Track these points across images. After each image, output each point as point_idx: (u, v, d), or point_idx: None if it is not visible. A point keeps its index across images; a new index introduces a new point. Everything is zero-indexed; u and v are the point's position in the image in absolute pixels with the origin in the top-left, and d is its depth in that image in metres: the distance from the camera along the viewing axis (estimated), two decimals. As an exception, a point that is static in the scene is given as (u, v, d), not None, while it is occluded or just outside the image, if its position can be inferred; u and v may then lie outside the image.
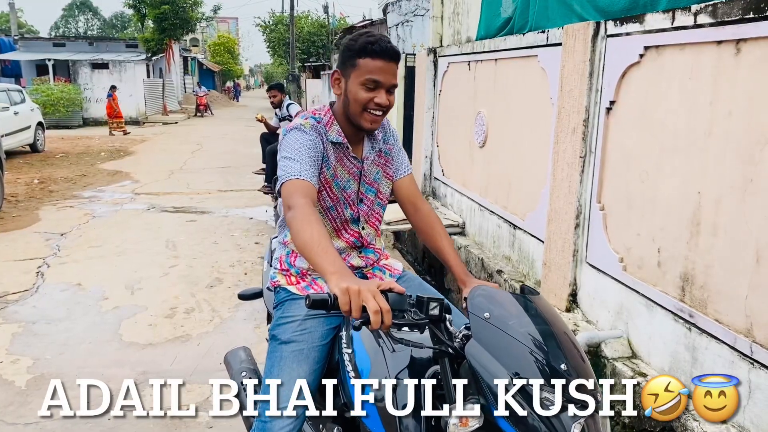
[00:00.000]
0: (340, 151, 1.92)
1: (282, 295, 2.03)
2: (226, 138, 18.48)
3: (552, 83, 4.01)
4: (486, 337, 1.40)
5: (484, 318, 1.43)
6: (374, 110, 1.81)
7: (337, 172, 1.91)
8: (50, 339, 4.17)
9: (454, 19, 6.56)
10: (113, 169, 11.99)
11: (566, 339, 1.45)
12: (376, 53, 1.76)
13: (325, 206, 1.94)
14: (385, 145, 2.04)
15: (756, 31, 2.35)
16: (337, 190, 1.93)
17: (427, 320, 1.45)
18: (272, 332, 1.95)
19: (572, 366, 1.37)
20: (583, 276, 3.64)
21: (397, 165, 2.08)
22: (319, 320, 1.92)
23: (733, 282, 2.49)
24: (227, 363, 2.75)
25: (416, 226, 2.10)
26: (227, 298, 4.96)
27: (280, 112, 7.72)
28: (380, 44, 1.77)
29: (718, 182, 2.57)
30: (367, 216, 2.03)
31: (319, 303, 1.40)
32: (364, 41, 1.78)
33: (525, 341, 1.38)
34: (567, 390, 1.31)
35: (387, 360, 1.64)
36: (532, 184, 4.35)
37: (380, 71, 1.77)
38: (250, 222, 7.74)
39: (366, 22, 12.91)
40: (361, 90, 1.80)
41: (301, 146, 1.81)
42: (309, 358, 1.85)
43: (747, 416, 2.41)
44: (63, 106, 21.65)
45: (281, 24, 34.52)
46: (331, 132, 1.89)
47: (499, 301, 1.49)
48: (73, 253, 6.20)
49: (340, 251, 1.97)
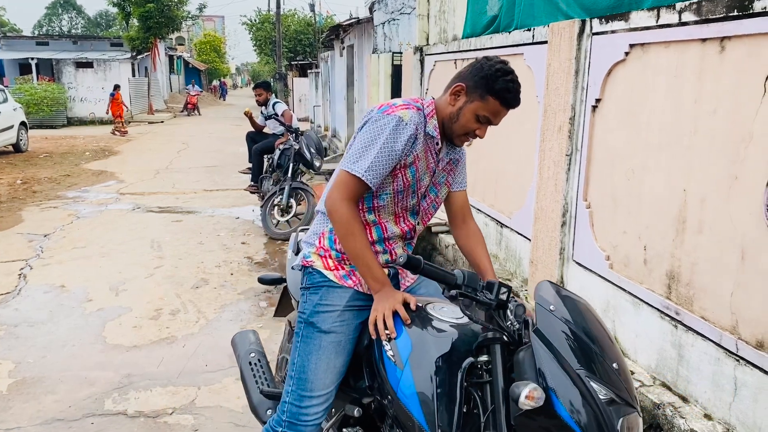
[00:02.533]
0: (430, 144, 1.97)
1: (317, 279, 2.01)
2: (213, 137, 18.37)
3: (538, 81, 4.01)
4: (549, 327, 1.49)
5: (549, 310, 1.52)
6: (472, 137, 1.94)
7: (418, 162, 1.95)
8: (32, 342, 4.10)
9: (441, 17, 6.55)
10: (98, 169, 11.87)
11: (612, 342, 1.55)
12: (506, 102, 1.86)
13: (396, 189, 1.96)
14: (456, 155, 2.11)
15: (740, 28, 2.36)
16: (411, 177, 1.96)
17: (495, 302, 1.58)
18: (310, 318, 1.97)
19: (621, 368, 1.48)
20: (570, 274, 3.64)
21: (459, 177, 2.16)
22: (356, 312, 1.98)
23: (719, 279, 2.50)
24: (234, 344, 2.76)
25: (460, 238, 2.19)
26: (213, 299, 4.92)
27: (266, 111, 7.68)
28: (515, 96, 1.86)
29: (703, 180, 2.57)
30: (425, 212, 2.09)
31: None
32: (504, 86, 1.84)
33: (582, 336, 1.48)
34: (616, 387, 1.42)
35: (429, 344, 1.71)
36: (519, 183, 4.35)
37: (499, 115, 1.89)
38: (237, 222, 7.68)
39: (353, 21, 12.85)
40: (473, 119, 1.90)
41: (387, 140, 1.85)
42: (346, 349, 1.95)
43: (733, 413, 2.42)
44: (47, 106, 21.40)
45: (267, 22, 34.31)
46: (430, 125, 1.95)
47: (560, 298, 1.57)
48: (56, 255, 6.11)
49: (391, 237, 2.02)
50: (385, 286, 1.87)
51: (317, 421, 1.94)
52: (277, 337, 3.85)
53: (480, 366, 1.61)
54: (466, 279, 1.59)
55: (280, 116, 7.36)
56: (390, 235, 2.02)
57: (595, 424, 1.37)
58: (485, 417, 1.54)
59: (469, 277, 1.59)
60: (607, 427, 1.37)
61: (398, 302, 1.81)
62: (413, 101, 1.96)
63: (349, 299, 1.97)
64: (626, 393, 1.43)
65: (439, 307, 1.85)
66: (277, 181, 7.11)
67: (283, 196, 6.73)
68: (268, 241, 6.72)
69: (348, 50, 14.12)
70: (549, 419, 1.40)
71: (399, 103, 1.93)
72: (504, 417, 1.48)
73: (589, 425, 1.37)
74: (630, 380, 1.49)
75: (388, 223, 2.01)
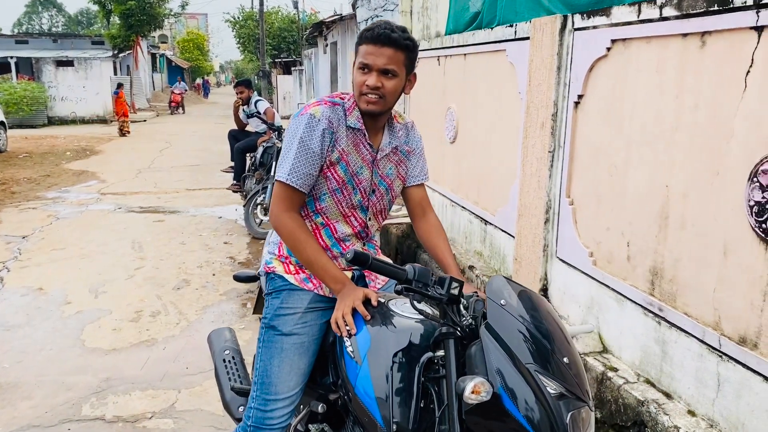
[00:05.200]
0: (357, 136, 1.95)
1: (279, 283, 2.03)
2: (196, 136, 18.22)
3: (520, 78, 3.98)
4: (499, 322, 1.49)
5: (500, 304, 1.51)
6: (368, 93, 1.86)
7: (348, 156, 1.94)
8: (8, 346, 4.01)
9: (423, 13, 6.51)
10: (79, 169, 11.70)
11: (565, 337, 1.54)
12: (368, 39, 1.84)
13: (330, 188, 1.95)
14: (405, 146, 2.09)
15: (720, 23, 2.34)
16: (344, 174, 1.94)
17: (446, 297, 1.55)
18: (271, 322, 1.98)
19: (572, 362, 1.47)
20: (554, 271, 3.62)
21: (413, 170, 2.13)
22: (319, 313, 1.98)
23: (701, 275, 2.49)
24: (210, 341, 2.75)
25: (421, 232, 2.18)
26: (194, 300, 4.85)
27: (248, 109, 7.60)
28: (375, 30, 1.84)
29: (685, 175, 2.56)
30: (375, 208, 2.06)
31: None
32: (364, 29, 1.88)
33: (534, 331, 1.47)
34: (567, 381, 1.41)
35: (387, 340, 1.71)
36: (502, 180, 4.33)
37: (370, 55, 1.83)
38: (219, 221, 7.60)
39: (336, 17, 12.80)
40: (358, 74, 1.88)
41: (302, 139, 1.86)
42: (309, 351, 1.94)
43: (716, 409, 2.41)
44: (26, 105, 21.08)
45: (251, 20, 34.10)
46: (351, 117, 1.94)
47: (513, 292, 1.56)
48: (34, 257, 6.01)
49: (345, 238, 2.02)
50: (345, 285, 1.87)
51: (282, 424, 1.92)
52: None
53: (437, 360, 1.61)
54: (416, 274, 1.56)
55: (263, 114, 7.30)
56: (341, 236, 2.01)
57: (545, 418, 1.36)
58: (440, 412, 1.53)
59: (419, 272, 1.57)
60: (557, 422, 1.36)
61: (358, 299, 1.81)
62: (332, 97, 1.98)
63: (310, 301, 1.98)
64: (577, 387, 1.42)
65: (401, 303, 1.83)
66: (259, 180, 7.04)
67: (266, 195, 6.67)
68: (251, 241, 6.65)
69: (332, 47, 14.06)
70: (498, 413, 1.39)
71: (313, 101, 1.96)
72: (456, 413, 1.47)
73: (538, 419, 1.36)
74: (582, 374, 1.48)
75: (337, 224, 2.01)
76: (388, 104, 1.90)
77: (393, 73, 1.85)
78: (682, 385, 2.60)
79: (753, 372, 2.24)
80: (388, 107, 1.92)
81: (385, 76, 1.85)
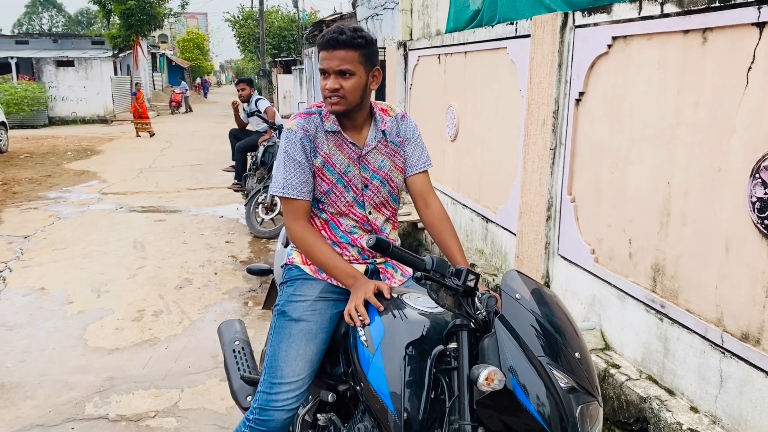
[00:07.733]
0: (338, 138, 2.03)
1: (294, 273, 2.12)
2: (196, 135, 18.21)
3: (521, 75, 3.98)
4: (513, 315, 1.51)
5: (515, 298, 1.53)
6: (329, 96, 1.94)
7: (332, 158, 2.02)
8: (11, 346, 4.02)
9: (424, 11, 6.51)
10: (80, 169, 11.71)
11: (576, 332, 1.57)
12: (322, 45, 1.93)
13: (322, 190, 2.04)
14: (396, 136, 2.13)
15: (722, 19, 2.34)
16: (331, 175, 2.02)
17: (462, 288, 1.58)
18: (282, 308, 2.05)
19: (583, 357, 1.49)
20: (556, 268, 3.62)
21: (411, 160, 2.15)
22: (329, 303, 2.04)
23: (703, 272, 2.49)
24: (220, 332, 2.80)
25: (426, 222, 2.20)
26: (197, 299, 4.85)
27: (248, 107, 7.60)
28: (326, 36, 1.92)
29: (686, 172, 2.56)
30: (373, 202, 2.09)
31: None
32: (319, 37, 1.95)
33: (546, 325, 1.49)
34: (577, 375, 1.43)
35: (401, 331, 1.72)
36: (504, 177, 4.33)
37: (325, 60, 1.92)
38: (221, 220, 7.60)
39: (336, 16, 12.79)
40: (321, 81, 1.96)
41: (286, 153, 2.00)
42: (317, 338, 1.98)
43: (719, 405, 2.41)
44: (27, 105, 21.07)
45: (251, 19, 34.06)
46: (328, 122, 2.02)
47: (527, 287, 1.59)
48: (36, 257, 6.01)
49: (351, 230, 2.08)
50: (358, 279, 1.93)
51: (287, 407, 1.95)
52: (261, 336, 3.81)
53: (449, 353, 1.63)
54: (435, 264, 1.59)
55: (263, 113, 7.29)
56: (347, 228, 2.08)
57: (555, 411, 1.38)
58: (450, 403, 1.55)
59: (438, 262, 1.60)
60: (567, 414, 1.38)
61: (370, 290, 1.86)
62: (308, 108, 2.08)
63: (321, 291, 2.05)
64: (587, 382, 1.44)
65: (414, 297, 1.86)
66: (260, 179, 7.05)
67: (267, 194, 6.67)
68: (253, 240, 6.66)
69: (332, 46, 14.03)
70: (510, 404, 1.42)
71: (293, 116, 2.07)
72: (467, 403, 1.50)
73: (548, 411, 1.38)
74: (592, 370, 1.50)
75: (340, 218, 2.09)
76: (351, 102, 1.95)
77: (349, 72, 1.91)
78: (684, 381, 2.60)
79: (755, 368, 2.24)
80: (353, 105, 1.97)
81: (343, 77, 1.91)
